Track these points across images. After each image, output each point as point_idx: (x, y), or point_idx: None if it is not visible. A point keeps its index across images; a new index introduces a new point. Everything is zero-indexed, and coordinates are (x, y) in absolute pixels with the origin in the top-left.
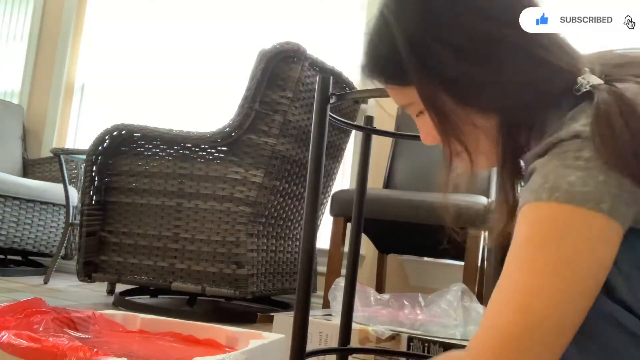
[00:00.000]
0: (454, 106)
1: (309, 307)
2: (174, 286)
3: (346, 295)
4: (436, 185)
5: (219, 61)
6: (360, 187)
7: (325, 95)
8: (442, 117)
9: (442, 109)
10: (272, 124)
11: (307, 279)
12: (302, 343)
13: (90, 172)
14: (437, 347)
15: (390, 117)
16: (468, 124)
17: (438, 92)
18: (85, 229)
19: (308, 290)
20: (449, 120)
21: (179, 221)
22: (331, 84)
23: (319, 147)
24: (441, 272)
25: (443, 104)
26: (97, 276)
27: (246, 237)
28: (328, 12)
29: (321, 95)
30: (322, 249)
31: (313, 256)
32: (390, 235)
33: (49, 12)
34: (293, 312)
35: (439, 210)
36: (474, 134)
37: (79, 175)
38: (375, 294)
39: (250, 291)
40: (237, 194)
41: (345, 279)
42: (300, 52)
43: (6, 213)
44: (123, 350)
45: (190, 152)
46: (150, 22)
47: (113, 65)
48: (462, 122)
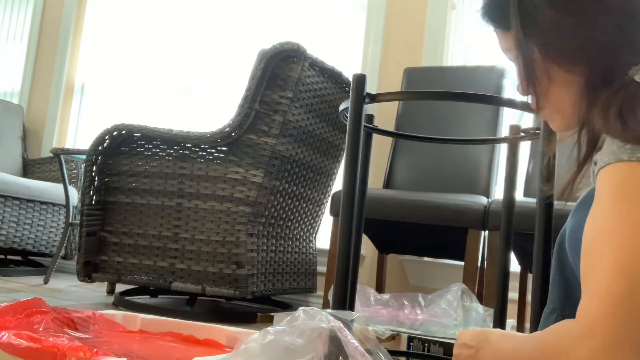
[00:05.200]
0: (539, 55)
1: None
2: (174, 286)
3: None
4: (436, 185)
5: (219, 61)
6: (361, 187)
7: (361, 95)
8: (526, 63)
9: (528, 56)
10: (272, 124)
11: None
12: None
13: (90, 172)
14: (437, 347)
15: (391, 117)
16: (548, 77)
17: (528, 38)
18: (85, 229)
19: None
20: (531, 68)
21: (179, 221)
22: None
23: (355, 150)
24: (441, 272)
25: (530, 50)
26: (97, 276)
27: (246, 237)
28: (328, 12)
29: (356, 96)
30: (322, 249)
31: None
32: (390, 235)
33: (49, 12)
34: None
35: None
36: (554, 90)
37: (79, 175)
38: (375, 294)
39: (250, 291)
40: (237, 194)
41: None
42: (300, 52)
43: (6, 213)
44: (123, 350)
45: (190, 152)
46: (150, 22)
47: (113, 65)
48: (543, 75)
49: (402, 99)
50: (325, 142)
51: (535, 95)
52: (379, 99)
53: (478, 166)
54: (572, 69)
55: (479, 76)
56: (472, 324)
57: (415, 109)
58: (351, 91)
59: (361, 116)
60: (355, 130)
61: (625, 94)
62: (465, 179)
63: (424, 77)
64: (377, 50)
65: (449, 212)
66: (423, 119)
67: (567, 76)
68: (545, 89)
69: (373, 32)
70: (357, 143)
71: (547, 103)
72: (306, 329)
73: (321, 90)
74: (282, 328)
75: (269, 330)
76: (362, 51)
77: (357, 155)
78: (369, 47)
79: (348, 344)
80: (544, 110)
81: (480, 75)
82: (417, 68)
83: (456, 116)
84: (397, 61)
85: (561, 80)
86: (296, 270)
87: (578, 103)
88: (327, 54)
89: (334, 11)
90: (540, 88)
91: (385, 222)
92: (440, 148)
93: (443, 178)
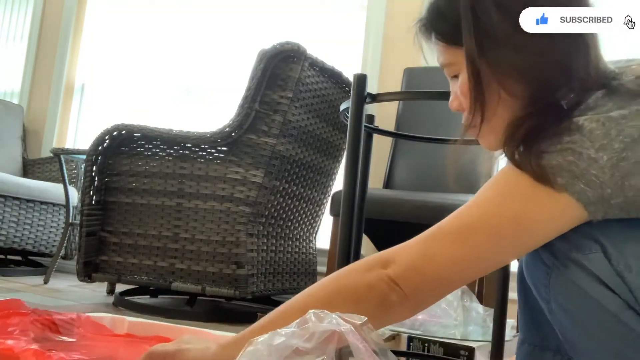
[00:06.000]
0: (490, 72)
1: None
2: (174, 286)
3: None
4: (436, 185)
5: (219, 61)
6: (361, 187)
7: (361, 95)
8: (476, 78)
9: (479, 71)
10: (272, 124)
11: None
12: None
13: (90, 172)
14: (437, 347)
15: (391, 117)
16: (496, 95)
17: (481, 53)
18: (85, 229)
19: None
20: (481, 84)
21: (179, 221)
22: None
23: (355, 150)
24: None
25: (481, 66)
26: (97, 276)
27: (246, 237)
28: (328, 12)
29: (357, 96)
30: (322, 249)
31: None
32: (390, 235)
33: (49, 12)
34: None
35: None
36: (497, 109)
37: (79, 175)
38: None
39: (250, 291)
40: (237, 194)
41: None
42: (300, 52)
43: (6, 213)
44: (105, 355)
45: (190, 152)
46: (150, 22)
47: (113, 65)
48: (491, 92)
49: (403, 99)
50: (325, 142)
51: (480, 111)
52: (380, 99)
53: (478, 166)
54: (514, 89)
55: None
56: (472, 324)
57: (415, 109)
58: (352, 91)
59: (362, 116)
60: (356, 130)
61: (539, 120)
62: (465, 179)
63: (424, 77)
64: (377, 50)
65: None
66: (423, 119)
67: (507, 96)
68: (490, 107)
69: (373, 32)
70: (358, 143)
71: (489, 121)
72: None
73: (321, 90)
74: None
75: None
76: (362, 51)
77: (358, 155)
78: (369, 47)
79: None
80: (478, 129)
81: None
82: (417, 68)
83: (456, 116)
84: (397, 61)
85: (503, 100)
86: (296, 270)
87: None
88: (327, 54)
89: (334, 11)
90: (488, 106)
91: (385, 222)
92: (440, 148)
93: (443, 178)
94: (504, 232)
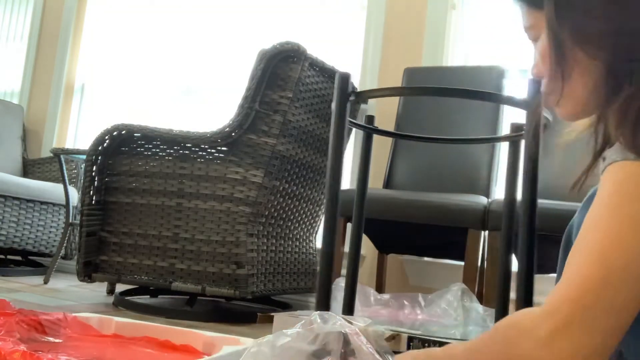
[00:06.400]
0: (569, 36)
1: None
2: (174, 286)
3: (346, 295)
4: (436, 185)
5: (219, 61)
6: (361, 187)
7: (345, 94)
8: (555, 42)
9: (558, 34)
10: (272, 124)
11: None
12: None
13: (90, 172)
14: (437, 347)
15: (391, 117)
16: (576, 59)
17: (560, 17)
18: (85, 229)
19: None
20: (561, 48)
21: (179, 221)
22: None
23: (338, 147)
24: (441, 272)
25: (561, 29)
26: (97, 276)
27: (246, 237)
28: (328, 12)
29: (341, 94)
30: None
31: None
32: (390, 235)
33: (49, 12)
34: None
35: None
36: (575, 75)
37: (79, 175)
38: (375, 294)
39: (250, 291)
40: (237, 194)
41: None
42: (300, 52)
43: (6, 213)
44: (92, 356)
45: (190, 152)
46: (150, 22)
47: (113, 66)
48: (570, 57)
49: (387, 95)
50: (325, 142)
51: (560, 77)
52: (366, 96)
53: (478, 166)
54: (597, 55)
55: (479, 76)
56: (472, 324)
57: (415, 109)
58: (335, 90)
59: (345, 114)
60: (339, 127)
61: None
62: (465, 179)
63: (424, 77)
64: (377, 50)
65: (448, 212)
66: (423, 119)
67: (590, 62)
68: (569, 73)
69: (373, 32)
70: (341, 140)
71: (568, 86)
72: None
73: (321, 90)
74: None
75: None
76: (362, 51)
77: (342, 152)
78: (369, 47)
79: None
80: (555, 96)
81: (480, 75)
82: (417, 68)
83: (456, 116)
84: (397, 61)
85: (584, 66)
86: (296, 270)
87: (595, 92)
88: (327, 54)
89: (334, 11)
90: (568, 71)
91: (385, 222)
92: (440, 148)
93: (443, 178)
94: None
